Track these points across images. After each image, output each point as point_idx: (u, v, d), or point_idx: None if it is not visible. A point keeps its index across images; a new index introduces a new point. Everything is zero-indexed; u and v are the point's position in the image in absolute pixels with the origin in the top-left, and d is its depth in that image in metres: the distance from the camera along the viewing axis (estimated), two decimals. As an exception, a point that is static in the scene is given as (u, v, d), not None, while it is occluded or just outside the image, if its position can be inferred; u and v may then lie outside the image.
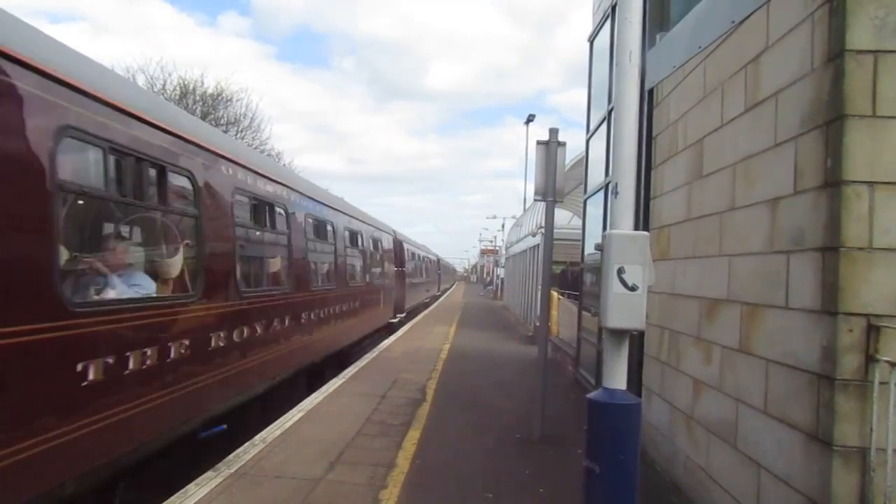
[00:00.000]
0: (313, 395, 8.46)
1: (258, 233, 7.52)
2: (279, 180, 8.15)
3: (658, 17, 5.99)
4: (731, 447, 4.21)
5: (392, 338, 15.74)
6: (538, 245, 16.63)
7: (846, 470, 3.04)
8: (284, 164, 29.48)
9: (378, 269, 15.60)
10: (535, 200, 7.38)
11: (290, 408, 7.65)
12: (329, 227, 10.71)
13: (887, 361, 2.96)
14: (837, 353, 3.06)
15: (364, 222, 14.13)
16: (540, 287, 8.59)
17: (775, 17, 3.82)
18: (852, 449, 3.04)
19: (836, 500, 3.04)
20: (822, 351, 3.18)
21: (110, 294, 4.45)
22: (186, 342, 5.28)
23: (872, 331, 3.03)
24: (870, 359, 3.03)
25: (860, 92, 3.09)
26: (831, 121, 3.18)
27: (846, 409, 3.05)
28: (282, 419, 7.11)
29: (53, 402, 3.77)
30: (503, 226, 52.71)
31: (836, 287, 3.08)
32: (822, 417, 3.15)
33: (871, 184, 3.07)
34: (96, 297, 4.34)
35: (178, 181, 5.45)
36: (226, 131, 27.68)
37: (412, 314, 23.66)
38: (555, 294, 14.00)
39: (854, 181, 3.08)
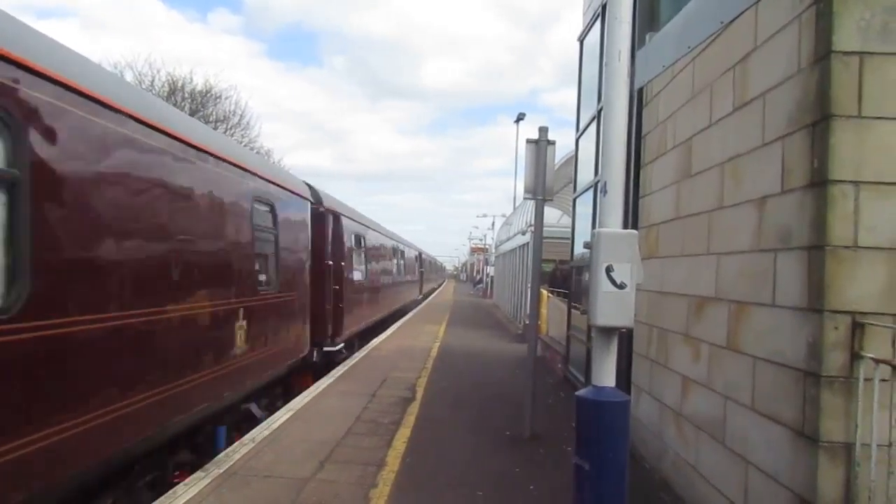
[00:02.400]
0: (303, 395, 8.44)
1: None
2: None
3: (647, 17, 6.01)
4: (719, 443, 4.25)
5: (382, 336, 15.73)
6: (528, 243, 16.68)
7: (832, 465, 3.08)
8: (274, 162, 29.27)
9: (257, 268, 7.25)
10: (525, 199, 7.41)
11: None
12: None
13: (872, 358, 3.00)
14: (823, 350, 3.10)
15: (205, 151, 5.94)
16: (529, 285, 8.62)
17: (763, 18, 3.86)
18: (838, 444, 3.08)
19: (822, 494, 3.08)
20: (808, 348, 3.21)
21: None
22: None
23: (857, 328, 3.07)
24: (855, 356, 3.07)
25: (846, 93, 3.13)
26: (818, 121, 3.21)
27: (832, 405, 3.09)
28: (271, 419, 7.09)
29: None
30: (493, 224, 52.78)
31: (822, 285, 3.12)
32: (808, 414, 3.19)
33: (856, 183, 3.11)
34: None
35: None
36: (215, 128, 27.50)
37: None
38: (544, 292, 14.04)
39: (840, 181, 3.12)
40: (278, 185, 8.16)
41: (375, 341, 14.61)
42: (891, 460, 2.94)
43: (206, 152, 5.92)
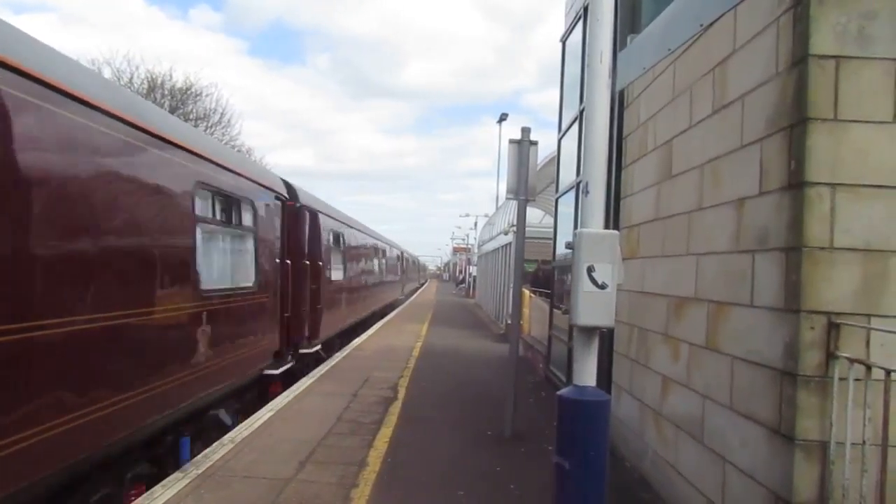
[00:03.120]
0: (284, 394, 8.38)
1: None
2: None
3: (629, 19, 6.07)
4: (697, 442, 4.29)
5: (363, 336, 15.68)
6: (510, 243, 16.73)
7: (807, 463, 3.13)
8: (255, 160, 28.99)
9: None
10: (508, 199, 7.42)
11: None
12: None
13: (847, 358, 3.05)
14: (799, 349, 3.14)
15: None
16: (512, 285, 8.63)
17: (742, 21, 3.90)
18: (813, 443, 3.12)
19: (797, 492, 3.12)
20: (784, 348, 3.26)
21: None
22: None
23: (833, 328, 3.12)
24: (830, 355, 3.11)
25: (823, 96, 3.17)
26: (795, 124, 3.26)
27: (808, 404, 3.13)
28: (251, 419, 7.03)
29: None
30: (476, 224, 52.85)
31: (799, 286, 3.16)
32: (784, 412, 3.23)
33: (832, 185, 3.16)
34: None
35: None
36: (196, 126, 27.21)
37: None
38: (526, 292, 14.09)
39: (816, 183, 3.17)
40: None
41: (357, 341, 14.57)
42: (864, 458, 2.99)
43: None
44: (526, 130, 6.86)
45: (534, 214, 18.75)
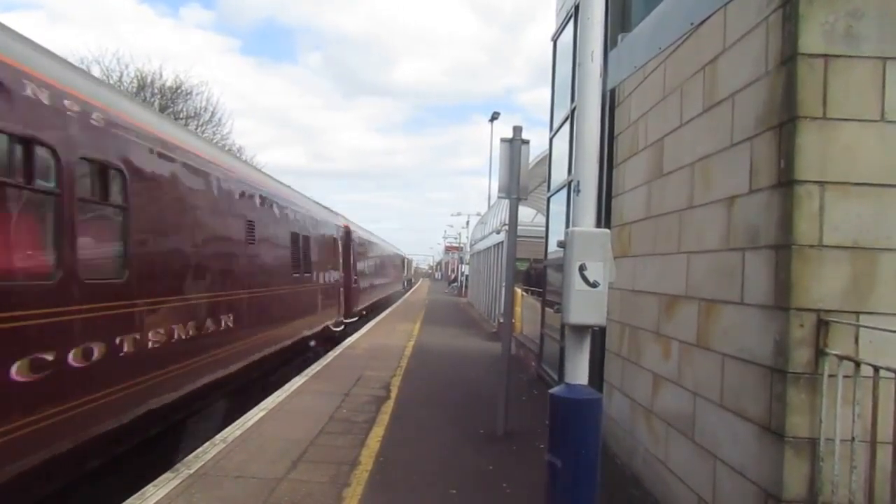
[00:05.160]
0: (276, 394, 8.35)
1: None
2: None
3: (620, 18, 6.08)
4: (688, 440, 4.31)
5: (356, 335, 15.65)
6: (502, 242, 16.73)
7: (797, 460, 3.15)
8: (246, 159, 28.81)
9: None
10: (500, 198, 7.43)
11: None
12: None
13: (836, 355, 3.07)
14: (789, 347, 3.16)
15: None
16: (504, 284, 8.65)
17: (732, 20, 3.92)
18: (803, 440, 3.14)
19: (787, 489, 3.14)
20: (774, 345, 3.28)
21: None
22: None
23: (822, 325, 3.14)
24: (819, 352, 3.13)
25: (812, 94, 3.19)
26: (784, 122, 3.27)
27: (797, 401, 3.15)
28: (243, 418, 7.00)
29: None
30: (468, 223, 52.82)
31: (789, 283, 3.18)
32: (774, 409, 3.25)
33: (821, 183, 3.18)
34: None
35: None
36: (186, 125, 27.07)
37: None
38: (518, 291, 14.11)
39: (806, 181, 3.18)
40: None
41: (349, 340, 14.54)
42: (853, 455, 3.01)
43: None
44: (518, 129, 6.86)
45: (526, 213, 18.78)
